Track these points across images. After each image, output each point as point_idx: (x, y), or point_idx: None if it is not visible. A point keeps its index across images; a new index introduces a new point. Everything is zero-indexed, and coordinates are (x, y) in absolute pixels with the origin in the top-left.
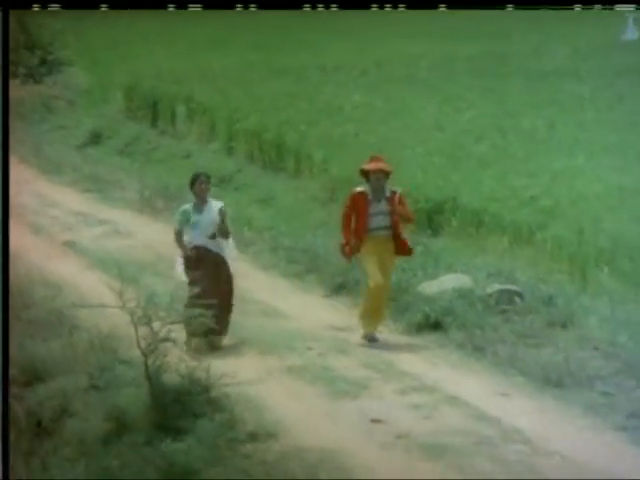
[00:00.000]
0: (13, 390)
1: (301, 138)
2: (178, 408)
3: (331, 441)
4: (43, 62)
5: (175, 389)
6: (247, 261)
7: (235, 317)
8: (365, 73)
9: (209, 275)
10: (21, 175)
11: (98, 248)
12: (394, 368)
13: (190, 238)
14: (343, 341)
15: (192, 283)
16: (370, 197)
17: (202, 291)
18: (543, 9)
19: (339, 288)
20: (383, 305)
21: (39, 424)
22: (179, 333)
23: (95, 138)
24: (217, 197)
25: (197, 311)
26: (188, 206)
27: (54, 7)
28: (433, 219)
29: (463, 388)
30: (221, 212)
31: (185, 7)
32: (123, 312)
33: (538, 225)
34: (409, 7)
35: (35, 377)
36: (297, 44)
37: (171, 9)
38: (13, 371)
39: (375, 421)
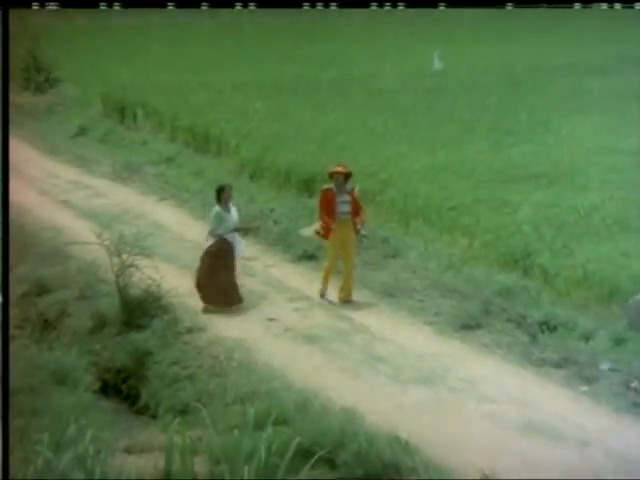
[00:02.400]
0: (29, 299)
1: (221, 131)
2: (139, 311)
3: (241, 333)
4: (47, 79)
5: (137, 299)
6: (184, 213)
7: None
8: (262, 87)
9: (227, 263)
10: (31, 156)
11: (84, 205)
12: (284, 285)
13: (220, 232)
14: (247, 266)
15: (211, 269)
16: (335, 191)
17: (220, 273)
18: (542, 8)
19: (247, 232)
20: (349, 276)
21: (46, 321)
22: (140, 261)
23: (82, 131)
24: (164, 173)
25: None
26: (219, 210)
27: (52, 6)
28: (309, 186)
29: (329, 297)
30: (237, 214)
31: (185, 6)
32: (101, 247)
33: (378, 191)
34: (408, 6)
35: (43, 290)
36: (217, 66)
37: (170, 8)
38: (28, 286)
39: (271, 319)
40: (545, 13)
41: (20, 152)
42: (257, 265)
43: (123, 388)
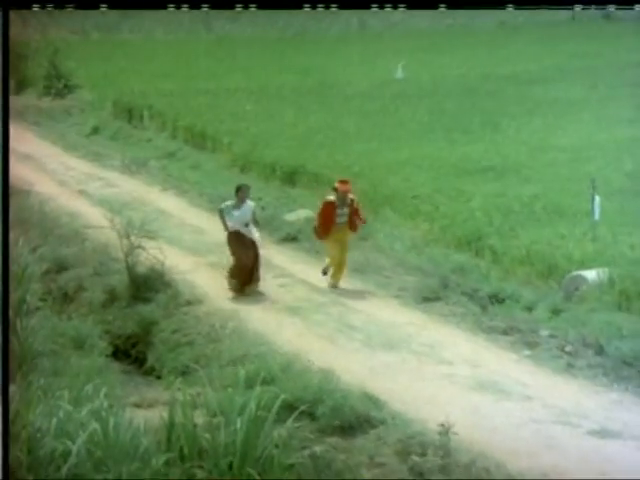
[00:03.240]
0: (50, 275)
1: (216, 130)
2: (146, 286)
3: (234, 305)
4: (65, 86)
5: (144, 275)
6: (184, 201)
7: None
8: (252, 93)
9: (244, 249)
10: (52, 152)
11: (98, 194)
12: (270, 263)
13: (232, 225)
14: None
15: (234, 254)
16: (336, 204)
17: (240, 258)
18: (542, 9)
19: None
20: (340, 268)
21: (65, 295)
22: (146, 243)
23: (95, 130)
24: (166, 166)
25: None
26: (230, 203)
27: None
28: (292, 177)
29: (307, 275)
30: (253, 209)
31: (184, 7)
32: (113, 231)
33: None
34: (409, 7)
35: (62, 268)
36: (213, 75)
37: (171, 9)
38: (50, 264)
39: (259, 293)
40: (495, 29)
41: (42, 149)
42: None
43: (132, 352)
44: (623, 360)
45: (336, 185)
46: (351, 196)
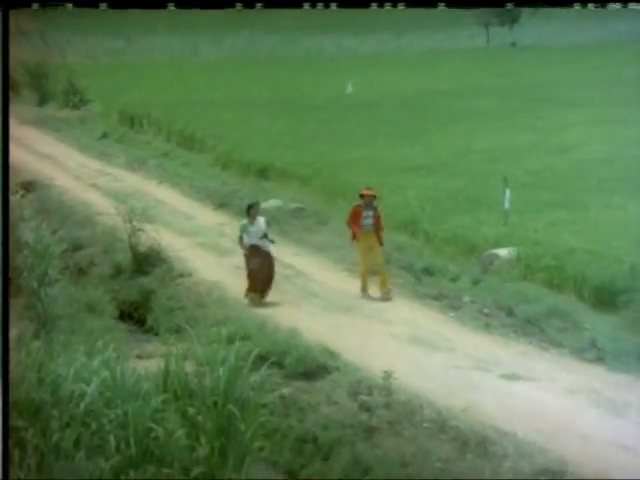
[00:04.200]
0: (67, 253)
1: (202, 134)
2: (146, 262)
3: (217, 277)
4: (80, 100)
5: (144, 253)
6: (177, 192)
7: (174, 219)
8: (232, 103)
9: (261, 260)
10: (69, 152)
11: (106, 187)
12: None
13: (248, 240)
14: (220, 229)
15: (250, 266)
16: (363, 208)
17: (257, 270)
18: (540, 7)
19: (220, 205)
20: (383, 276)
21: (80, 269)
22: (146, 226)
23: (104, 135)
24: (162, 164)
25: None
26: (245, 222)
27: (52, 6)
28: (264, 173)
29: (277, 252)
30: (265, 222)
31: (186, 6)
32: (118, 217)
33: (313, 177)
34: (408, 5)
35: (78, 247)
36: (200, 89)
37: (172, 8)
38: (67, 244)
39: (237, 267)
40: (427, 53)
41: (61, 150)
42: (227, 229)
43: (135, 315)
44: (528, 320)
45: (363, 191)
46: (377, 206)
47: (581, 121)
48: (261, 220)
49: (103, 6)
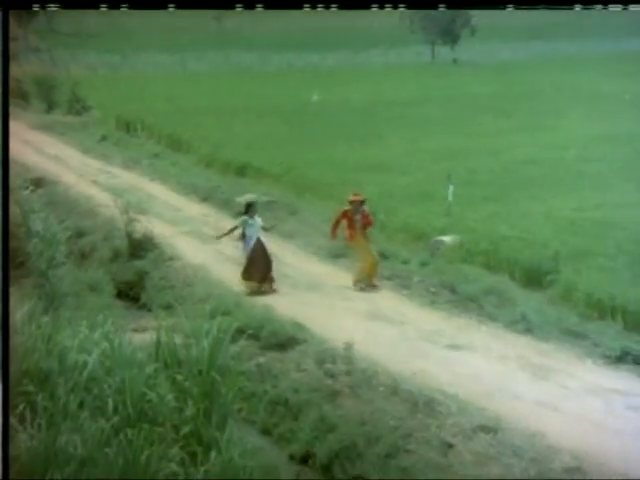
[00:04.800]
0: (72, 240)
1: (189, 137)
2: (140, 247)
3: (202, 260)
4: (82, 107)
5: (139, 239)
6: (166, 188)
7: (164, 211)
8: (213, 111)
9: (259, 251)
10: (73, 153)
11: (106, 183)
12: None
13: (249, 234)
14: (204, 219)
15: (250, 255)
16: (352, 212)
17: (256, 259)
18: (541, 9)
19: (204, 199)
20: (373, 269)
21: (83, 254)
22: (140, 217)
23: (103, 138)
24: (154, 163)
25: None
26: (246, 217)
27: (52, 7)
28: (242, 171)
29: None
30: (261, 221)
31: (187, 7)
32: (116, 209)
33: (280, 175)
34: (409, 7)
35: (81, 235)
36: (186, 99)
37: (171, 9)
38: (71, 232)
39: (219, 252)
40: (382, 68)
41: (66, 151)
42: (210, 219)
43: (130, 294)
44: (468, 297)
45: (351, 198)
46: (364, 209)
47: (511, 128)
48: (258, 219)
49: (103, 7)
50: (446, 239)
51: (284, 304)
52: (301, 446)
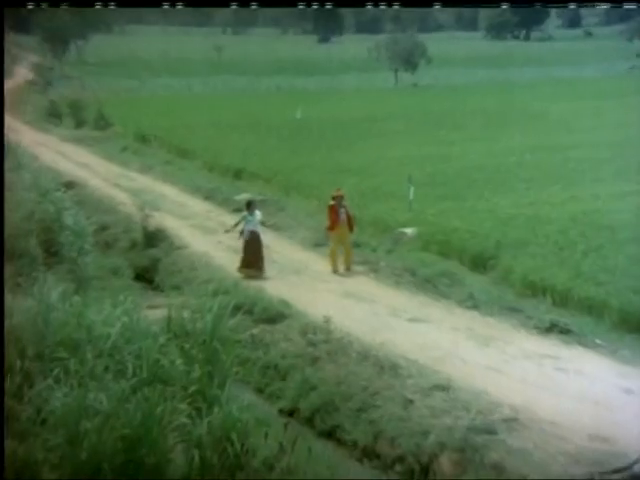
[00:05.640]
0: (97, 232)
1: (193, 147)
2: (153, 237)
3: (205, 248)
4: (107, 124)
5: (152, 231)
6: (176, 189)
7: (173, 208)
8: (214, 126)
9: (256, 243)
10: (98, 161)
11: (125, 185)
12: (225, 225)
13: (247, 227)
14: (207, 214)
15: (250, 246)
16: (336, 206)
17: (253, 250)
18: (538, 7)
19: (207, 198)
20: (349, 256)
21: (107, 243)
22: (153, 213)
23: (124, 149)
24: (165, 169)
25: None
26: (245, 213)
27: (44, 5)
28: (238, 175)
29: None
30: (260, 216)
31: (188, 5)
32: (134, 206)
33: (270, 177)
34: (403, 5)
35: (105, 228)
36: (191, 114)
37: (166, 6)
38: (97, 227)
39: (219, 242)
40: (355, 91)
41: (93, 160)
42: (212, 214)
43: (146, 277)
44: (426, 279)
45: (334, 193)
46: (346, 204)
47: (462, 139)
48: (257, 212)
49: (98, 4)
50: (408, 231)
51: (273, 285)
52: (288, 402)
